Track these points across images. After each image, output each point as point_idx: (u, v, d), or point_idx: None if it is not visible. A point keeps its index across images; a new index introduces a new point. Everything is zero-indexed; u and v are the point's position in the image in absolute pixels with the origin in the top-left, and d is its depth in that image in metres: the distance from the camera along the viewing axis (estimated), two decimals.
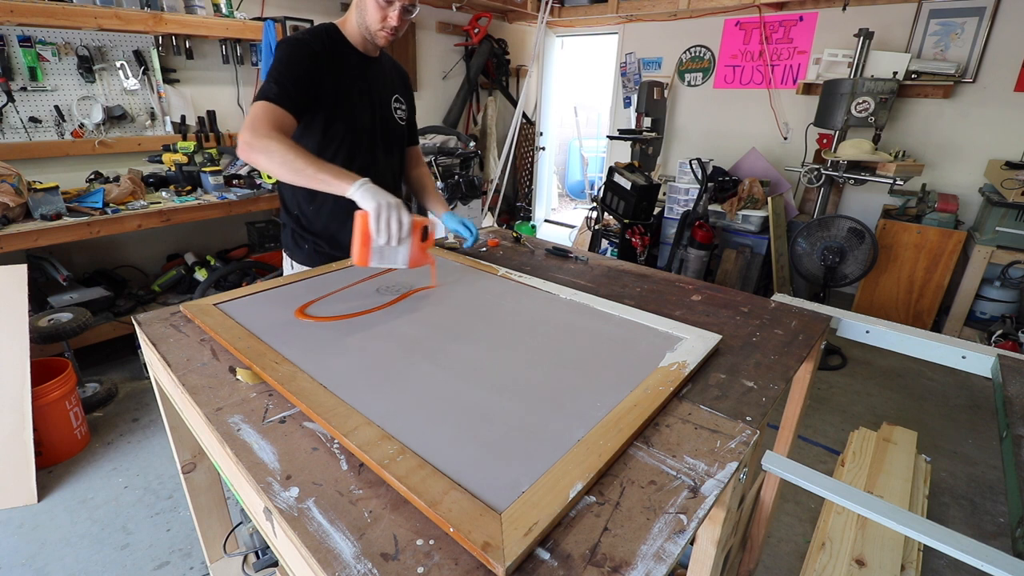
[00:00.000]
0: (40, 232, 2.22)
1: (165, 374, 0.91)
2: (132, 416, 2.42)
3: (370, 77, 1.44)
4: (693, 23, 4.25)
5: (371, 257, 1.04)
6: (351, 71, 1.39)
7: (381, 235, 1.02)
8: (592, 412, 0.75)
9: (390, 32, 1.34)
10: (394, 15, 1.30)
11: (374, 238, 1.02)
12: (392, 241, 1.03)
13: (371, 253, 1.04)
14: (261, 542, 1.24)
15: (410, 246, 1.08)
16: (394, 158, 1.59)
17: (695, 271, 3.54)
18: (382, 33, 1.34)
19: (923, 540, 0.65)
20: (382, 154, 1.52)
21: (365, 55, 1.42)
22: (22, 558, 1.70)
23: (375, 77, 1.46)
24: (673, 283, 1.31)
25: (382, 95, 1.49)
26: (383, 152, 1.52)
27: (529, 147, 5.45)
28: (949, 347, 1.05)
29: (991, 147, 3.27)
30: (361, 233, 1.03)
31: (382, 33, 1.34)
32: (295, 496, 0.60)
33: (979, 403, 2.69)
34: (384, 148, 1.53)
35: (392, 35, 1.35)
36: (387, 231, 1.02)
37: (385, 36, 1.35)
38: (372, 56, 1.44)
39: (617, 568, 0.52)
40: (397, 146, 1.59)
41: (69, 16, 2.39)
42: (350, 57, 1.39)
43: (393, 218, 1.03)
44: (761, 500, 1.35)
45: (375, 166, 1.50)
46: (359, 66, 1.41)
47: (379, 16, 1.31)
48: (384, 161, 1.54)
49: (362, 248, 1.03)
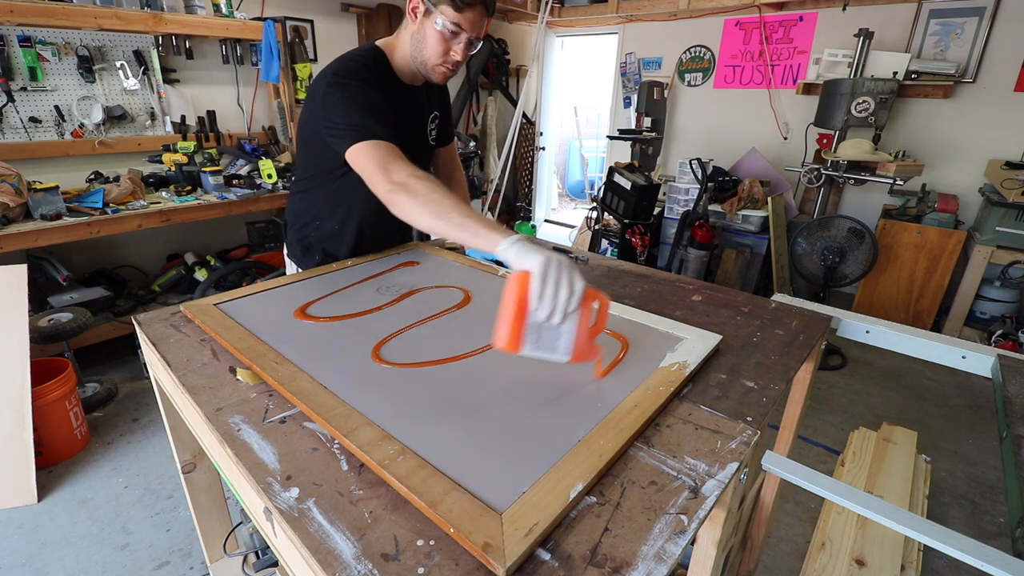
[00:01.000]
0: (40, 232, 2.22)
1: (165, 374, 0.91)
2: (132, 416, 2.42)
3: (411, 107, 1.33)
4: (693, 23, 4.25)
5: (525, 339, 0.76)
6: (392, 101, 1.23)
7: (545, 305, 0.74)
8: (592, 412, 0.75)
9: (450, 68, 1.19)
10: (459, 49, 1.15)
11: (533, 309, 0.74)
12: (556, 316, 0.74)
13: (525, 332, 0.76)
14: (261, 542, 1.24)
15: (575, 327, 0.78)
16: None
17: (695, 271, 3.54)
18: (441, 68, 1.19)
19: (923, 540, 0.65)
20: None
21: (409, 86, 1.30)
22: (22, 558, 1.70)
23: (416, 105, 1.35)
24: (673, 283, 1.31)
25: (420, 123, 1.39)
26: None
27: (529, 147, 5.45)
28: (949, 347, 1.05)
29: (991, 147, 3.27)
30: (516, 301, 0.74)
31: (441, 68, 1.19)
32: (295, 496, 0.60)
33: (979, 403, 2.69)
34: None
35: (452, 72, 1.21)
36: (553, 300, 0.73)
37: (444, 72, 1.20)
38: (416, 86, 1.32)
39: (618, 569, 0.52)
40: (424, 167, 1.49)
41: (69, 16, 2.39)
42: (392, 86, 1.26)
43: (564, 282, 0.74)
44: (761, 500, 1.35)
45: None
46: (401, 97, 1.28)
47: (441, 50, 1.15)
48: None
49: (514, 323, 0.75)
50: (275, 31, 3.04)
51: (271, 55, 3.10)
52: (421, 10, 1.14)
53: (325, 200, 1.37)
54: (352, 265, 1.34)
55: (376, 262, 1.37)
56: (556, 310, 0.74)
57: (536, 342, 0.77)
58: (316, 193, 1.38)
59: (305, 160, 1.37)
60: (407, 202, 0.95)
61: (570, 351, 0.79)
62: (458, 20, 1.11)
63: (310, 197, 1.40)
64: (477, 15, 1.13)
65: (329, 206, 1.37)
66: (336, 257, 1.43)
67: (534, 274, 0.74)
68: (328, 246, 1.43)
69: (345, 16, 3.80)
